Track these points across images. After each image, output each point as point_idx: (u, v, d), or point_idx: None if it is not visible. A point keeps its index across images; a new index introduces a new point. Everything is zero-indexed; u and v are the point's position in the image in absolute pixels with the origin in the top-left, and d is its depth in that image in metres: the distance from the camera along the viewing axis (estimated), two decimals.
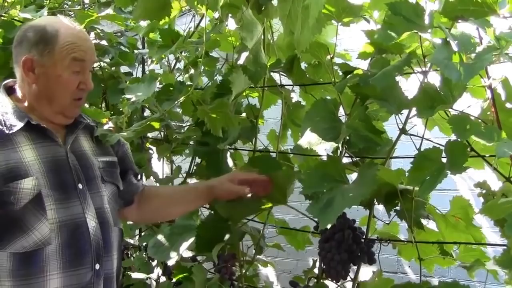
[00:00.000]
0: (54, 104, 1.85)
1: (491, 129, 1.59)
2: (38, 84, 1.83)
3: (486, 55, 1.47)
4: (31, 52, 1.81)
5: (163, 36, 2.46)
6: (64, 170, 1.81)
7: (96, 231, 1.81)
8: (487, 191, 1.69)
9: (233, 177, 2.09)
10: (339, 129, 1.90)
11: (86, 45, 1.88)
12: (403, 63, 1.78)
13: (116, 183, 2.00)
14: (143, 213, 2.20)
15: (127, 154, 2.17)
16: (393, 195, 1.91)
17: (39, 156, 1.78)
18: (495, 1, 1.44)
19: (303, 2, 1.38)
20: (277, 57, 2.36)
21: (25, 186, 1.71)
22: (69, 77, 1.83)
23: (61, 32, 1.83)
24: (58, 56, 1.81)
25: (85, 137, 1.98)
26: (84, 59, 1.86)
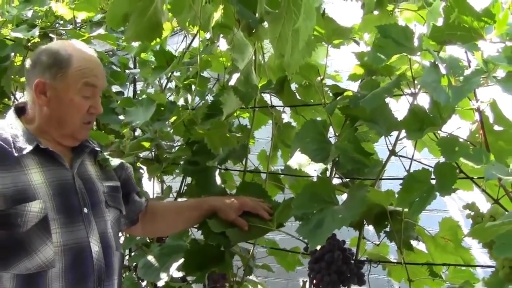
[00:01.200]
0: (64, 127, 1.88)
1: (479, 151, 1.60)
2: (49, 107, 1.86)
3: (474, 78, 1.48)
4: (44, 75, 1.84)
5: (157, 57, 2.48)
6: (71, 193, 1.83)
7: (99, 255, 1.82)
8: (475, 213, 1.69)
9: (241, 208, 2.11)
10: (328, 150, 1.91)
11: (98, 70, 1.91)
12: (392, 85, 1.80)
13: (119, 207, 2.02)
14: (148, 227, 2.22)
15: (130, 176, 2.18)
16: (382, 216, 1.92)
17: (47, 180, 1.79)
18: (482, 26, 1.46)
19: (293, 26, 1.39)
20: (268, 78, 2.37)
21: (32, 209, 1.72)
22: (80, 101, 1.86)
23: (74, 56, 1.86)
24: (70, 80, 1.84)
25: (90, 162, 2.00)
26: (96, 85, 1.89)
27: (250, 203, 2.12)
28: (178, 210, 2.29)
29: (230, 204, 2.12)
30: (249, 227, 2.09)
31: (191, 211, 2.21)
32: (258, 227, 2.09)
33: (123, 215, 2.06)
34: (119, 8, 1.88)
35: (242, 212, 2.11)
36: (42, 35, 3.00)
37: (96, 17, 3.08)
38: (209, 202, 2.19)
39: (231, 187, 2.61)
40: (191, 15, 2.03)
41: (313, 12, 1.37)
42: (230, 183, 2.66)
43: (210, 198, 2.25)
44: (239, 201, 2.13)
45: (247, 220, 2.09)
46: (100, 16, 3.11)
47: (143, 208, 2.19)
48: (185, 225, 2.29)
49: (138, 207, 2.18)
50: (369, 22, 2.03)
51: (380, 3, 2.00)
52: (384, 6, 2.01)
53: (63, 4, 2.79)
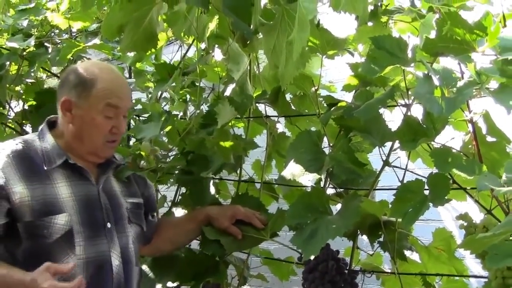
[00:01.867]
0: (87, 145, 1.93)
1: (472, 162, 1.61)
2: (73, 124, 1.92)
3: (467, 90, 1.49)
4: (70, 93, 1.91)
5: (159, 70, 2.49)
6: (96, 208, 1.89)
7: (119, 269, 1.88)
8: (468, 223, 1.70)
9: (234, 215, 2.12)
10: (323, 160, 1.92)
11: (122, 91, 1.96)
12: (386, 96, 1.81)
13: (141, 224, 2.07)
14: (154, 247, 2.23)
15: (151, 195, 2.24)
16: (376, 227, 1.93)
17: (73, 194, 1.85)
18: (474, 39, 1.47)
19: (287, 37, 1.40)
20: (262, 88, 2.38)
21: (59, 221, 1.79)
22: (102, 121, 1.91)
23: (99, 77, 1.91)
24: (93, 100, 1.89)
25: (115, 178, 2.05)
26: (119, 106, 1.93)
27: (243, 211, 2.13)
28: (177, 224, 2.31)
29: (223, 213, 2.13)
30: (243, 237, 2.09)
31: (188, 224, 2.22)
32: (252, 236, 2.09)
33: (144, 232, 2.09)
34: (115, 19, 1.89)
35: (236, 221, 2.11)
36: (38, 45, 3.01)
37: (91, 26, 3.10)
38: (203, 212, 2.20)
39: (226, 197, 2.61)
40: (186, 25, 2.04)
41: (307, 24, 1.38)
42: (224, 193, 2.66)
43: (205, 208, 2.26)
44: (232, 209, 2.14)
45: (241, 229, 2.09)
46: (95, 25, 3.12)
47: (155, 227, 2.22)
48: (186, 239, 2.28)
49: (153, 228, 2.21)
50: (363, 33, 2.04)
51: (374, 15, 2.01)
52: (378, 17, 2.02)
53: (59, 14, 2.80)
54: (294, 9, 1.39)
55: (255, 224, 2.10)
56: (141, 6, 1.86)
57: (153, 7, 1.88)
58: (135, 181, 2.15)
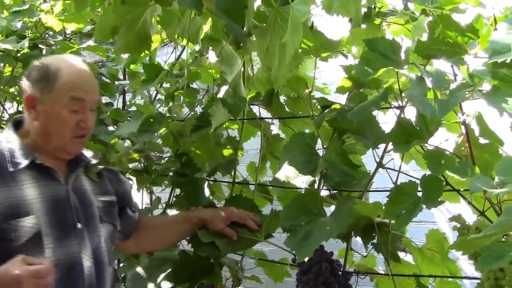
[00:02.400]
0: (54, 141, 1.88)
1: (465, 164, 1.61)
2: (39, 121, 1.87)
3: (460, 92, 1.50)
4: (33, 89, 1.87)
5: (147, 70, 2.49)
6: (65, 209, 1.83)
7: (90, 270, 1.83)
8: (461, 225, 1.71)
9: (228, 217, 2.10)
10: (316, 162, 1.92)
11: (87, 84, 1.91)
12: (380, 98, 1.81)
13: (113, 222, 2.02)
14: (139, 244, 2.21)
15: (126, 191, 2.19)
16: (370, 228, 1.93)
17: (41, 195, 1.80)
18: (466, 41, 1.48)
19: (280, 40, 1.41)
20: (256, 90, 2.39)
21: (26, 224, 1.73)
22: (68, 115, 1.86)
23: (63, 71, 1.87)
24: (57, 94, 1.85)
25: (86, 176, 2.01)
26: (84, 99, 1.88)
27: (237, 213, 2.12)
28: (167, 224, 2.29)
29: (218, 215, 2.12)
30: (238, 238, 2.09)
31: (181, 224, 2.20)
32: (246, 238, 2.09)
33: (117, 230, 2.05)
34: (108, 21, 1.89)
35: (230, 222, 2.11)
36: (32, 46, 3.01)
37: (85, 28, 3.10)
38: (197, 214, 2.18)
39: (220, 198, 2.62)
40: (180, 27, 2.05)
41: (300, 27, 1.38)
42: (218, 194, 2.67)
43: (198, 210, 2.25)
44: (226, 211, 2.13)
45: (235, 231, 2.09)
46: (89, 27, 3.12)
47: (136, 223, 2.19)
48: (176, 239, 2.28)
49: (132, 223, 2.17)
50: (356, 35, 2.04)
51: (368, 17, 2.02)
52: (372, 19, 2.03)
53: (53, 15, 2.80)
54: (287, 11, 1.39)
55: (250, 225, 2.09)
56: (135, 8, 1.86)
57: (147, 9, 1.88)
58: (108, 178, 2.10)
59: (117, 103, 3.35)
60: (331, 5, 1.42)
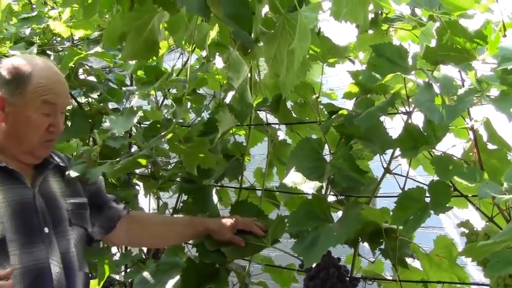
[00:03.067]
0: (22, 144, 1.83)
1: (473, 170, 1.61)
2: (7, 123, 1.82)
3: (468, 97, 1.49)
4: (2, 90, 1.81)
5: (147, 72, 2.49)
6: (31, 213, 1.78)
7: (59, 276, 1.77)
8: (470, 231, 1.70)
9: (234, 226, 2.08)
10: (324, 168, 1.92)
11: (59, 88, 1.87)
12: (387, 104, 1.81)
13: (84, 225, 1.96)
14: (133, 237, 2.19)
15: (100, 188, 2.14)
16: (377, 234, 1.93)
17: (5, 199, 1.75)
18: (474, 47, 1.48)
19: (288, 47, 1.41)
20: (263, 96, 2.39)
21: None
22: (39, 118, 1.82)
23: (35, 73, 1.82)
24: (29, 97, 1.80)
25: (54, 178, 1.95)
26: (56, 103, 1.85)
27: (242, 220, 2.11)
28: (170, 224, 2.28)
29: (224, 225, 2.10)
30: (244, 244, 2.09)
31: (185, 228, 2.20)
32: (253, 244, 2.09)
33: (88, 232, 1.99)
34: (116, 28, 1.89)
35: (236, 231, 2.10)
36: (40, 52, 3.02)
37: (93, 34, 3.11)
38: (204, 224, 2.16)
39: (227, 204, 2.62)
40: (187, 33, 2.05)
41: (308, 33, 1.38)
42: (225, 200, 2.67)
43: (205, 220, 2.23)
44: (231, 220, 2.12)
45: (241, 237, 2.09)
46: (97, 33, 3.13)
47: (121, 215, 2.14)
48: (177, 240, 2.28)
49: (115, 214, 2.13)
50: (363, 41, 2.04)
51: (375, 23, 2.01)
52: (379, 25, 2.02)
53: (61, 22, 2.81)
54: (295, 18, 1.39)
55: (255, 232, 2.08)
56: (143, 14, 1.85)
57: (155, 16, 1.87)
58: (78, 179, 2.03)
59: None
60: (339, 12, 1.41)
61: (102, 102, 3.10)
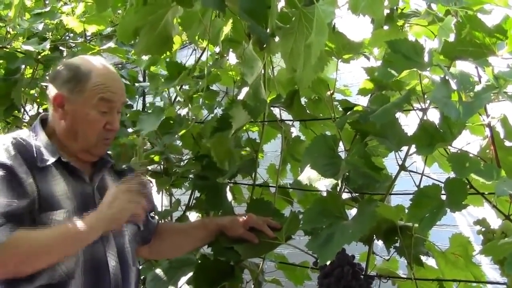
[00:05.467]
0: (80, 142, 1.90)
1: (490, 167, 1.59)
2: (66, 121, 1.88)
3: (485, 94, 1.48)
4: (62, 88, 1.88)
5: (170, 69, 2.48)
6: (91, 207, 1.82)
7: (116, 270, 1.84)
8: (486, 229, 1.69)
9: (247, 223, 2.09)
10: (339, 165, 1.90)
11: (116, 86, 1.93)
12: (403, 100, 1.79)
13: (137, 223, 2.02)
14: (154, 250, 2.21)
15: (148, 194, 2.17)
16: (392, 232, 1.91)
17: (69, 191, 1.81)
18: (494, 42, 1.46)
19: (305, 41, 1.40)
20: (277, 92, 2.38)
21: (57, 218, 1.75)
22: (96, 116, 1.88)
23: (93, 72, 1.88)
24: (87, 95, 1.86)
25: (111, 177, 2.02)
26: (113, 100, 1.90)
27: (256, 219, 2.11)
28: (185, 230, 2.29)
29: (236, 221, 2.11)
30: (258, 242, 2.08)
31: (198, 230, 2.21)
32: (266, 242, 2.08)
33: (139, 232, 2.05)
34: (130, 22, 1.89)
35: (249, 228, 2.10)
36: (53, 48, 3.03)
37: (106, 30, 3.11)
38: (215, 221, 2.19)
39: (240, 201, 2.61)
40: (201, 29, 2.04)
41: (325, 27, 1.37)
42: (239, 197, 2.66)
43: (216, 217, 2.26)
44: (243, 217, 2.12)
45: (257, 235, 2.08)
46: (110, 29, 3.13)
47: (155, 228, 2.19)
48: (193, 245, 2.27)
49: (152, 227, 2.18)
50: (379, 37, 2.02)
51: (390, 18, 2.00)
52: (394, 21, 2.01)
53: (74, 17, 2.81)
54: (312, 12, 1.38)
55: (266, 233, 2.07)
56: (157, 9, 1.86)
57: (169, 10, 1.88)
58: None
59: (137, 105, 3.36)
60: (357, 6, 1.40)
61: None
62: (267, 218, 2.12)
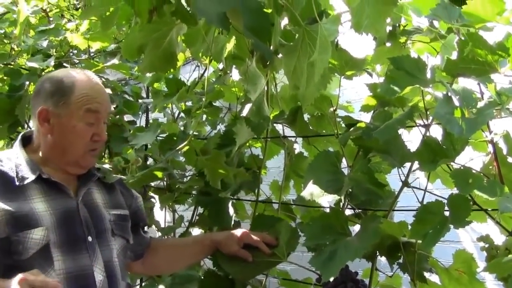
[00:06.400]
0: (68, 154, 1.87)
1: (493, 183, 1.59)
2: (52, 135, 1.86)
3: (487, 110, 1.48)
4: (47, 102, 1.85)
5: (169, 85, 2.50)
6: (75, 222, 1.81)
7: (103, 284, 1.79)
8: (490, 245, 1.69)
9: (241, 239, 2.07)
10: (342, 181, 1.91)
11: (101, 97, 1.91)
12: (405, 116, 1.80)
13: (126, 236, 2.00)
14: (148, 265, 2.19)
15: (139, 207, 2.17)
16: (395, 248, 1.91)
17: (50, 208, 1.78)
18: (496, 60, 1.47)
19: (308, 59, 1.40)
20: (280, 108, 2.39)
21: (34, 236, 1.71)
22: (83, 127, 1.85)
23: (77, 83, 1.86)
24: (73, 107, 1.84)
25: (97, 189, 1.99)
26: (99, 111, 1.88)
27: (251, 236, 2.09)
28: (180, 245, 2.28)
29: (232, 237, 2.09)
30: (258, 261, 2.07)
31: (193, 246, 2.20)
32: (265, 260, 2.07)
33: (129, 245, 2.03)
34: (135, 40, 1.90)
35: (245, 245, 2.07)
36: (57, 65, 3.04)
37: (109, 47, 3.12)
38: (210, 237, 2.18)
39: (243, 217, 2.61)
40: (204, 46, 2.05)
41: (329, 45, 1.38)
42: (241, 213, 2.66)
43: (211, 233, 2.26)
44: (239, 234, 2.10)
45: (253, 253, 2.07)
46: (113, 46, 3.15)
47: (147, 244, 2.17)
48: (188, 261, 2.26)
49: (144, 242, 2.16)
50: (381, 53, 2.04)
51: (393, 35, 2.01)
52: (397, 38, 2.02)
53: (78, 34, 2.82)
54: (315, 30, 1.39)
55: (262, 249, 2.05)
56: (161, 26, 1.86)
57: (173, 28, 1.89)
58: (121, 192, 2.08)
59: (140, 121, 3.37)
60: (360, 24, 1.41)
61: (118, 115, 3.11)
62: (263, 234, 2.10)
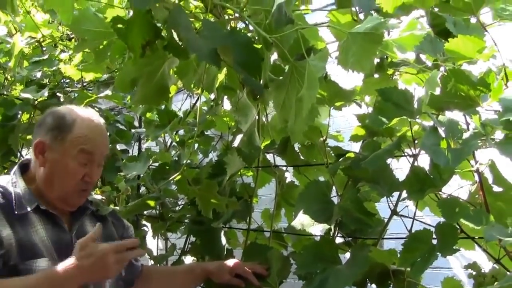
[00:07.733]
0: (56, 190, 1.89)
1: (479, 212, 1.62)
2: (45, 168, 1.88)
3: (473, 141, 1.51)
4: (45, 136, 1.88)
5: (161, 116, 2.53)
6: (68, 256, 1.78)
7: None
8: (477, 273, 1.71)
9: (233, 270, 2.10)
10: (331, 210, 1.94)
11: (98, 139, 1.93)
12: (393, 146, 1.83)
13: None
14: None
15: (131, 237, 2.18)
16: (385, 275, 1.93)
17: (49, 238, 1.81)
18: (478, 94, 1.51)
19: (297, 94, 1.44)
20: (271, 138, 2.42)
21: (40, 265, 1.74)
22: (75, 167, 1.87)
23: (77, 122, 1.89)
24: (68, 145, 1.86)
25: (90, 222, 2.00)
26: (93, 152, 1.90)
27: (242, 266, 2.12)
28: (172, 274, 2.29)
29: (223, 267, 2.12)
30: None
31: (184, 274, 2.23)
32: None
33: (121, 276, 2.03)
34: (128, 73, 1.94)
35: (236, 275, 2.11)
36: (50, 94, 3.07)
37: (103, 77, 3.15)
38: (202, 266, 2.21)
39: (235, 245, 2.63)
40: (196, 77, 2.09)
41: (316, 81, 1.42)
42: (233, 241, 2.68)
43: (203, 263, 2.28)
44: (230, 264, 2.13)
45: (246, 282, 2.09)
46: (106, 76, 3.18)
47: (139, 271, 2.19)
48: None
49: (135, 270, 2.17)
50: (369, 85, 2.07)
51: (380, 67, 2.05)
52: (384, 69, 2.05)
53: (71, 65, 2.86)
54: (303, 66, 1.43)
55: (252, 281, 2.08)
56: (154, 60, 1.90)
57: (165, 61, 1.92)
58: (112, 223, 2.10)
59: (133, 151, 3.39)
60: (346, 61, 1.45)
61: (111, 144, 3.13)
62: (254, 264, 2.13)
